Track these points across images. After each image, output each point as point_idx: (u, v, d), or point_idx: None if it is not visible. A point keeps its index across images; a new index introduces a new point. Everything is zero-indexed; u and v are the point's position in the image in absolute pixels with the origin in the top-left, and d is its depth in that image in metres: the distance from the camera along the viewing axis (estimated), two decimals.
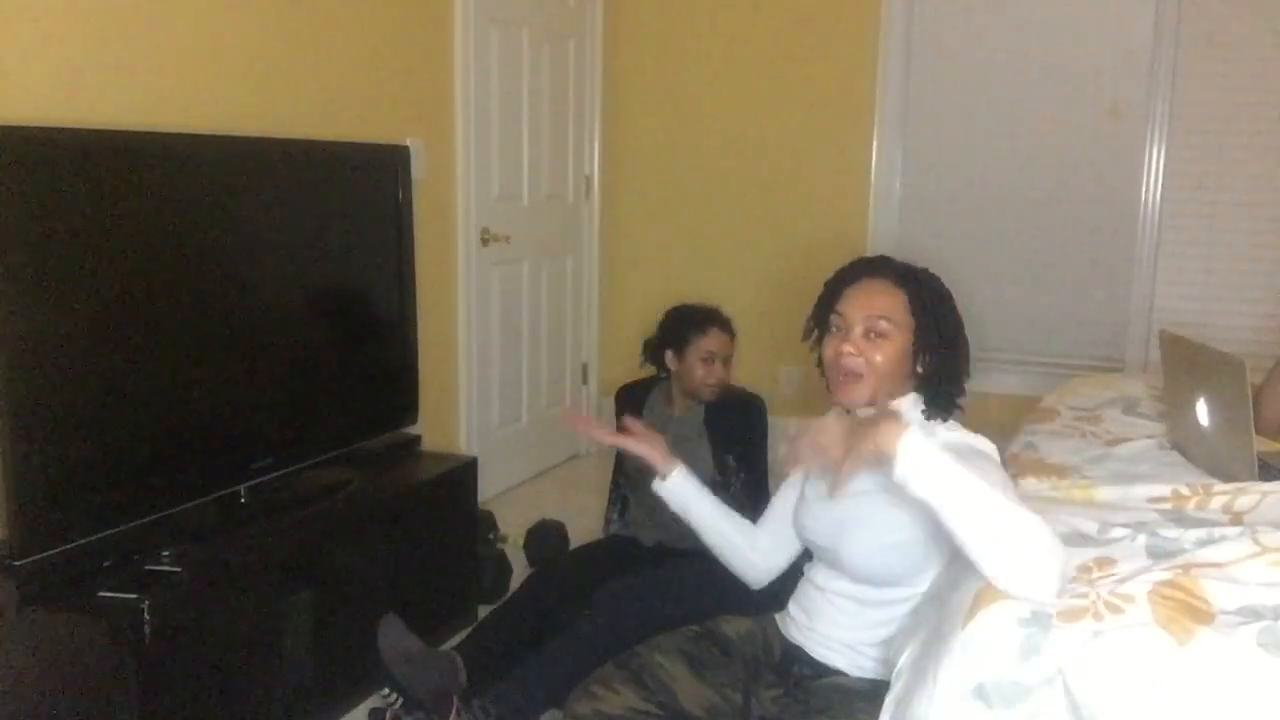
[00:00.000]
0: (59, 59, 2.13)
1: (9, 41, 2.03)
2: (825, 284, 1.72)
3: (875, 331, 1.62)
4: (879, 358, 1.62)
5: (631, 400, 2.74)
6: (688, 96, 4.21)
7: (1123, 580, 1.34)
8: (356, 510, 2.41)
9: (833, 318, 1.67)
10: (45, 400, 1.84)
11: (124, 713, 1.81)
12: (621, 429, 1.94)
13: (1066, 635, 1.25)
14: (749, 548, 1.88)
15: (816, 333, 1.71)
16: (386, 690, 2.21)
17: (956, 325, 1.69)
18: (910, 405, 1.67)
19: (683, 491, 1.89)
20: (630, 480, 2.71)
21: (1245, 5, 3.51)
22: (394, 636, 2.14)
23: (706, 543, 1.91)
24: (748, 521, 1.91)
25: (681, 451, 2.56)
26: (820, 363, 1.70)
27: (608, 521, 2.78)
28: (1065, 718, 1.22)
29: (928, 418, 1.66)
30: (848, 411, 1.72)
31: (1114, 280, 3.78)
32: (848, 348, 1.63)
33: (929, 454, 1.38)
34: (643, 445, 1.89)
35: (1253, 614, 1.24)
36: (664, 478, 1.89)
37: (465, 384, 3.59)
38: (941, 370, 1.66)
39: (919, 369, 1.66)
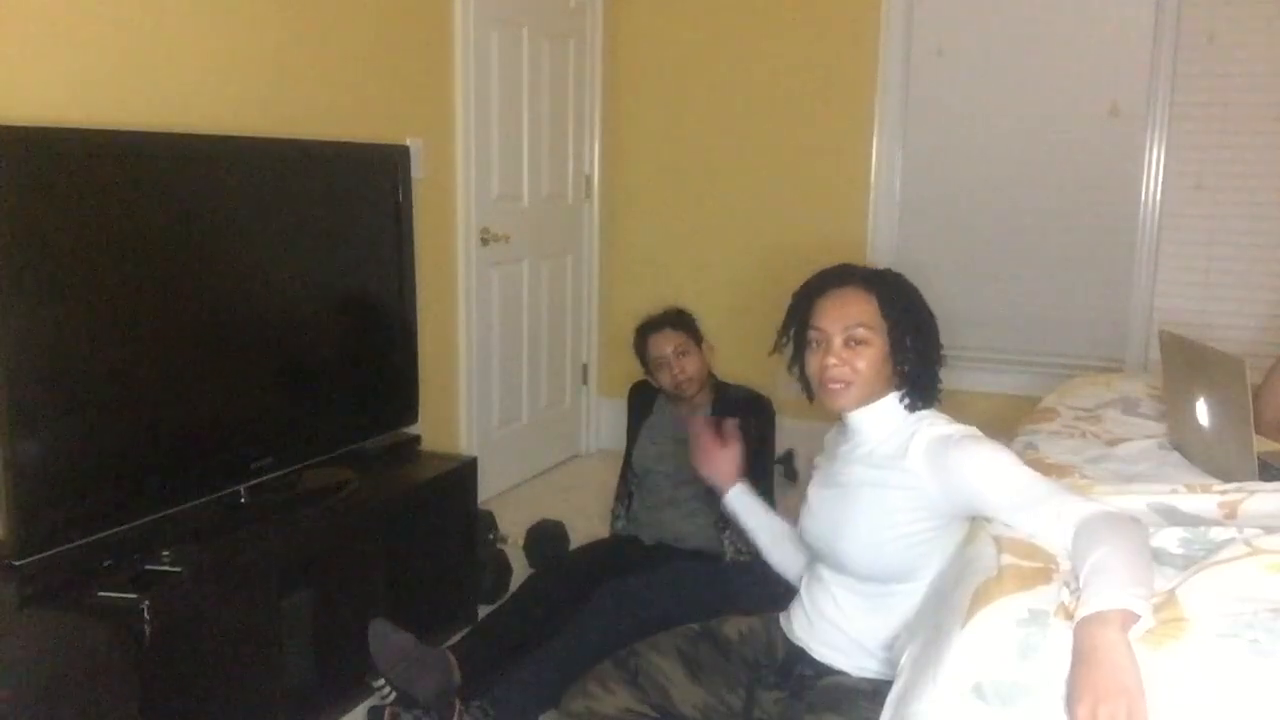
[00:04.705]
0: (61, 59, 2.13)
1: (11, 42, 2.03)
2: (794, 297, 1.74)
3: (855, 339, 1.65)
4: (862, 364, 1.65)
5: (642, 398, 2.79)
6: (688, 96, 4.21)
7: None
8: (356, 510, 2.41)
9: (810, 333, 1.69)
10: (46, 400, 1.84)
11: (124, 713, 1.81)
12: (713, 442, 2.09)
13: (1066, 635, 1.25)
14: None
15: (791, 346, 1.73)
16: (380, 683, 2.19)
17: (926, 318, 1.72)
18: (892, 406, 1.69)
19: (739, 505, 2.03)
20: (637, 477, 2.72)
21: (1245, 5, 3.51)
22: (385, 638, 2.13)
23: (762, 548, 2.00)
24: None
25: (687, 449, 2.58)
26: (802, 375, 1.73)
27: (614, 517, 2.78)
28: (1064, 718, 1.22)
29: (911, 409, 1.68)
30: (839, 417, 1.74)
31: (1114, 280, 3.78)
32: (831, 360, 1.65)
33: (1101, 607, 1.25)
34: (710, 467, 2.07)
35: (1244, 616, 1.24)
36: (723, 494, 2.04)
37: (465, 384, 3.59)
38: (920, 364, 1.69)
39: (901, 368, 1.69)
